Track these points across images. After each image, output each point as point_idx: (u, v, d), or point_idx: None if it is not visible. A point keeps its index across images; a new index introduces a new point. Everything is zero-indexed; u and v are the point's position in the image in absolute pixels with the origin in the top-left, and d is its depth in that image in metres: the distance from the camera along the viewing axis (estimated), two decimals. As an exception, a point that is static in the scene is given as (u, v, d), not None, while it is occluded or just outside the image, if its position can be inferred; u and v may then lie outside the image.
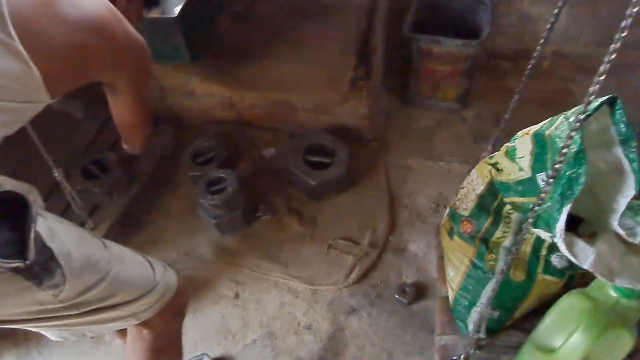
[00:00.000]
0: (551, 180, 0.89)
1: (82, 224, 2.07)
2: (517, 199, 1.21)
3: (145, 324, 1.24)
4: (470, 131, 2.39)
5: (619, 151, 1.08)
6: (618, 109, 1.07)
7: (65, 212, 2.11)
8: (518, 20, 2.46)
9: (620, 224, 1.05)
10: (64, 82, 0.91)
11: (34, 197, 1.61)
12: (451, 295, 1.49)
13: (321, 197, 2.19)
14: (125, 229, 2.17)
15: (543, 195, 0.91)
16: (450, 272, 1.47)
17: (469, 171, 1.52)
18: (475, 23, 2.37)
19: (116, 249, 1.18)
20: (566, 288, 1.24)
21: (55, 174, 1.82)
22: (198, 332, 1.90)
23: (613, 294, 1.05)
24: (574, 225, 1.22)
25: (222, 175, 2.09)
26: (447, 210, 1.53)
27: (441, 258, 1.80)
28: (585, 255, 1.00)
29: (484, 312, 1.19)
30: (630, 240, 1.05)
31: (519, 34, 2.51)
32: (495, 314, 1.18)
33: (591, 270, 0.99)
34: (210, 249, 2.11)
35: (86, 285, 1.03)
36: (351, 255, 2.03)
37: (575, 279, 1.30)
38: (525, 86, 1.47)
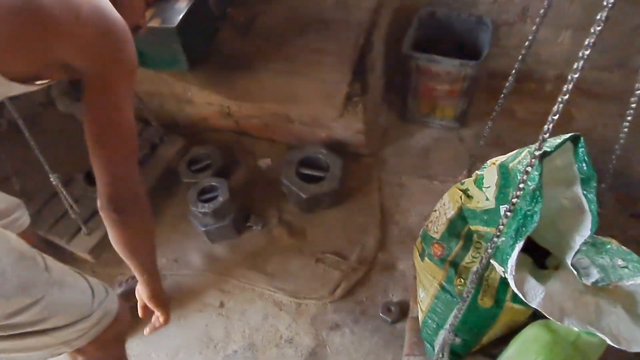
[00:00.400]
0: (509, 214, 0.88)
1: (78, 229, 2.10)
2: (481, 228, 1.20)
3: (79, 351, 1.20)
4: (468, 151, 2.36)
5: (579, 190, 1.08)
6: (581, 147, 1.06)
7: (63, 216, 2.14)
8: (520, 42, 2.44)
9: (576, 263, 1.03)
10: (17, 53, 0.79)
11: (19, 214, 1.63)
12: (421, 317, 1.47)
13: (313, 210, 2.18)
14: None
15: (501, 227, 0.90)
16: (421, 293, 1.46)
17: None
18: (477, 43, 2.37)
19: (58, 272, 1.13)
20: (534, 317, 1.22)
21: (52, 179, 1.86)
22: (181, 339, 1.90)
23: (575, 329, 1.03)
24: (542, 256, 1.21)
25: (214, 184, 2.10)
26: (421, 231, 1.52)
27: (415, 278, 1.79)
28: (535, 294, 0.99)
29: (446, 336, 1.17)
30: (582, 280, 1.04)
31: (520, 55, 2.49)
32: (457, 340, 1.17)
33: (540, 309, 0.98)
34: (199, 257, 2.12)
35: (16, 308, 0.99)
36: (339, 270, 2.02)
37: None
38: (502, 106, 1.47)
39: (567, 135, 1.02)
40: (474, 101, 2.39)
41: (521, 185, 0.85)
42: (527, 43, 1.64)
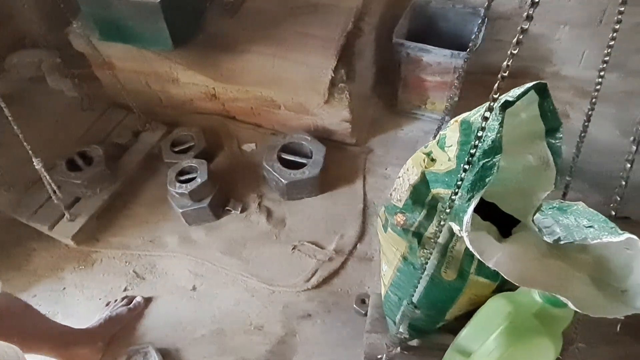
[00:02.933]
0: (467, 167, 0.82)
1: (60, 216, 2.07)
2: (442, 191, 1.11)
3: None
4: (456, 146, 2.31)
5: (544, 142, 1.01)
6: (547, 97, 0.98)
7: (45, 203, 2.11)
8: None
9: (538, 223, 0.96)
10: None
11: None
12: (383, 292, 1.41)
13: (293, 197, 2.14)
14: (104, 216, 2.17)
15: (459, 184, 0.84)
16: (384, 267, 1.39)
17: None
18: (469, 37, 2.30)
19: None
20: (499, 291, 1.16)
21: (35, 163, 1.83)
22: (149, 320, 1.87)
23: (538, 299, 0.97)
24: (509, 226, 1.15)
25: (193, 165, 2.07)
26: (384, 200, 1.46)
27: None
28: (491, 253, 0.91)
29: (405, 309, 1.12)
30: (544, 238, 0.97)
31: (518, 51, 2.42)
32: (417, 312, 1.12)
33: (496, 269, 0.91)
34: (175, 239, 2.09)
35: None
36: (315, 259, 1.97)
37: (509, 282, 1.22)
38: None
39: (531, 84, 0.94)
40: (466, 96, 2.33)
41: (479, 134, 0.79)
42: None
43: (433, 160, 1.19)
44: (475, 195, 0.89)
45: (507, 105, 0.90)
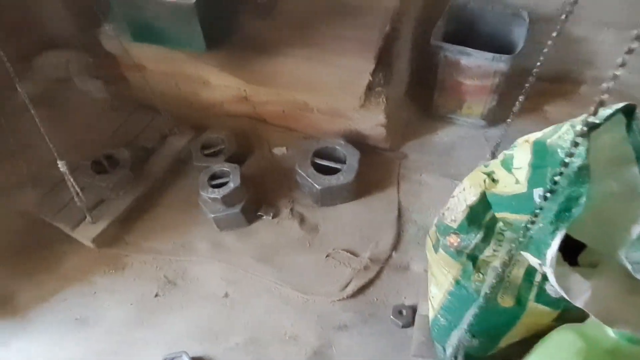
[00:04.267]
0: (547, 196, 0.76)
1: (83, 217, 2.05)
2: (509, 215, 1.06)
3: None
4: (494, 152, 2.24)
5: (634, 170, 0.92)
6: (635, 120, 0.91)
7: (69, 203, 2.10)
8: (559, 39, 2.29)
9: (627, 257, 0.90)
10: None
11: None
12: (431, 314, 1.35)
13: (327, 203, 2.09)
14: (128, 219, 2.15)
15: (537, 212, 0.78)
16: (433, 289, 1.33)
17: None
18: (510, 38, 2.23)
19: None
20: (560, 320, 1.09)
21: (60, 166, 1.81)
22: (182, 327, 1.84)
23: (612, 335, 0.91)
24: (573, 252, 1.07)
25: (225, 169, 2.03)
26: (435, 220, 1.40)
27: (427, 272, 1.68)
28: (579, 291, 0.85)
29: (462, 337, 1.06)
30: (638, 276, 0.90)
31: (557, 54, 2.34)
32: (474, 342, 1.06)
33: (585, 309, 0.85)
34: (207, 244, 2.05)
35: None
36: (350, 267, 1.92)
37: (572, 311, 1.15)
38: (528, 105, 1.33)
39: (620, 105, 0.87)
40: (503, 100, 2.26)
41: (566, 160, 0.72)
42: (550, 41, 1.48)
43: (494, 180, 1.13)
44: (560, 227, 0.83)
45: (593, 128, 0.83)
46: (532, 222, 0.82)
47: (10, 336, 1.88)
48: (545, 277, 1.06)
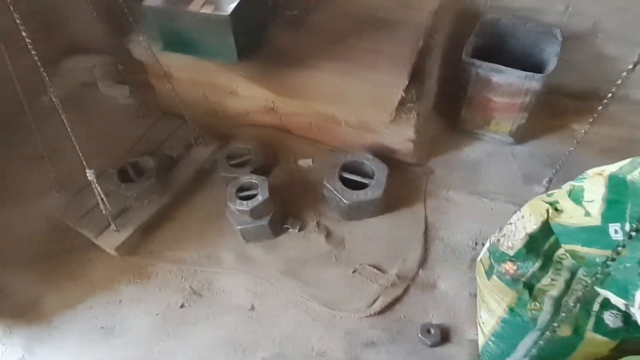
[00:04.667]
0: (633, 234, 0.74)
1: (107, 224, 2.05)
2: (579, 248, 1.06)
3: None
4: (521, 169, 2.23)
5: None
6: None
7: (93, 209, 2.10)
8: (589, 57, 2.28)
9: None
10: None
11: None
12: (481, 340, 1.35)
13: (353, 217, 2.08)
14: (153, 228, 2.15)
15: (620, 250, 0.77)
16: (484, 315, 1.33)
17: (515, 212, 1.38)
18: (540, 56, 2.22)
19: None
20: (619, 351, 1.08)
21: (87, 175, 1.81)
22: (208, 339, 1.83)
23: None
24: None
25: (254, 181, 2.03)
26: (487, 244, 1.38)
27: (472, 295, 1.66)
28: None
29: None
30: None
31: (588, 72, 2.33)
32: None
33: None
34: (232, 255, 2.05)
35: None
36: (377, 283, 1.91)
37: (631, 341, 1.14)
38: (588, 131, 1.32)
39: None
40: (532, 117, 2.24)
41: None
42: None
43: (558, 210, 1.12)
44: None
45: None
46: (613, 259, 0.81)
47: (36, 342, 1.88)
48: (603, 307, 1.06)
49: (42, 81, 2.03)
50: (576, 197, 1.05)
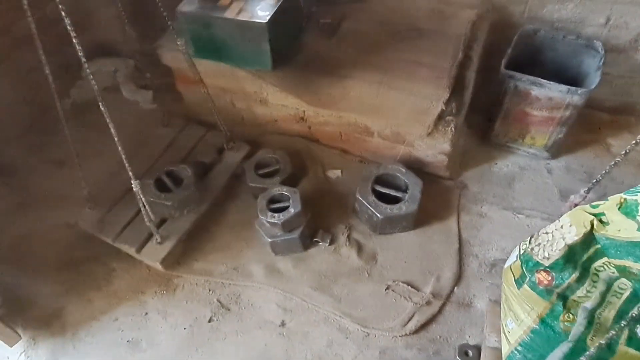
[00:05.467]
0: None
1: (147, 237, 2.00)
2: (631, 264, 1.02)
3: None
4: (556, 185, 2.17)
5: None
6: None
7: (133, 219, 2.05)
8: (628, 71, 2.23)
9: None
10: None
11: None
12: (506, 349, 1.30)
13: (385, 231, 2.03)
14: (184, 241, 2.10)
15: None
16: (510, 324, 1.29)
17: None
18: (578, 69, 2.17)
19: None
20: None
21: (133, 186, 1.76)
22: (238, 357, 1.78)
23: None
24: None
25: (285, 193, 1.98)
26: (518, 252, 1.34)
27: (494, 302, 1.62)
28: None
29: None
30: None
31: (626, 86, 2.27)
32: None
33: None
34: (261, 268, 1.99)
35: None
36: (411, 301, 1.86)
37: None
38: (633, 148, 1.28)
39: None
40: (567, 131, 2.19)
41: None
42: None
43: (603, 223, 1.08)
44: None
45: None
46: None
47: (60, 355, 1.84)
48: (636, 321, 1.02)
49: (64, 85, 1.99)
50: (629, 210, 1.01)
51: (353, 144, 2.25)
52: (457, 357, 1.70)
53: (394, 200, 1.99)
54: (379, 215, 1.94)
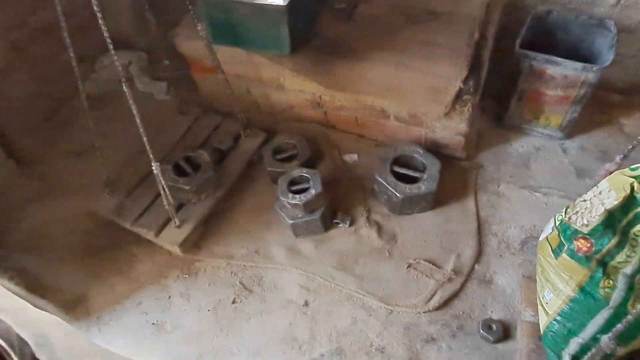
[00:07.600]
0: None
1: (165, 221, 2.02)
2: None
3: None
4: (572, 164, 2.19)
5: None
6: None
7: (152, 204, 2.07)
8: (639, 51, 2.25)
9: None
10: None
11: None
12: (544, 321, 1.31)
13: (404, 212, 2.05)
14: (203, 225, 2.11)
15: None
16: (548, 295, 1.29)
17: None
18: (590, 49, 2.19)
19: None
20: None
21: (154, 168, 1.78)
22: (263, 336, 1.79)
23: None
24: None
25: (305, 174, 1.99)
26: (555, 223, 1.34)
27: (527, 277, 1.63)
28: None
29: (605, 345, 1.01)
30: None
31: (638, 66, 2.30)
32: (619, 349, 1.00)
33: None
34: (282, 250, 2.01)
35: None
36: (433, 279, 1.87)
37: None
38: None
39: None
40: (580, 111, 2.21)
41: None
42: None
43: None
44: None
45: None
46: None
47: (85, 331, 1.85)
48: None
49: (80, 77, 2.02)
50: None
51: (369, 128, 2.27)
52: (481, 331, 1.72)
53: (413, 181, 2.01)
54: (398, 195, 1.96)
